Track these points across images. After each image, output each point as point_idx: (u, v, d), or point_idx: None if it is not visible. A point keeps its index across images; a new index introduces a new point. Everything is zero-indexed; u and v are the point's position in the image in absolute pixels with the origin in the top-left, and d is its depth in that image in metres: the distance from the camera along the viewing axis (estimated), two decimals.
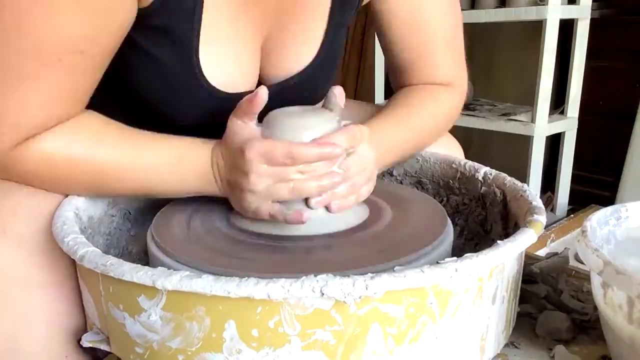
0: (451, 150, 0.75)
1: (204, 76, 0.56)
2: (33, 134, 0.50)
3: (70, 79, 0.49)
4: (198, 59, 0.55)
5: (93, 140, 0.52)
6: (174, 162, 0.52)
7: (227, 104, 0.55)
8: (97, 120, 0.54)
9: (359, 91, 2.60)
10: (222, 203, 0.55)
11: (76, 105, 0.52)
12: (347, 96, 0.57)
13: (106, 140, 0.52)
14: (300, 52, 0.63)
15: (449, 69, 0.70)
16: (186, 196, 0.55)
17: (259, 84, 0.64)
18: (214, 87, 0.58)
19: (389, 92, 0.74)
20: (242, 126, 0.50)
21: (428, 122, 0.67)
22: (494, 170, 0.61)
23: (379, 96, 2.26)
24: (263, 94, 0.48)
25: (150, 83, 0.57)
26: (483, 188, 0.61)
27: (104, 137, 0.53)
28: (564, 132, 1.89)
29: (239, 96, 0.56)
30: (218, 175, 0.52)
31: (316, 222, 0.49)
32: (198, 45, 0.55)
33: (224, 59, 0.58)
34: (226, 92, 0.59)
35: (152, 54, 0.54)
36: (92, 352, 0.53)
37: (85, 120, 0.53)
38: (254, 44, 0.61)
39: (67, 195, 0.54)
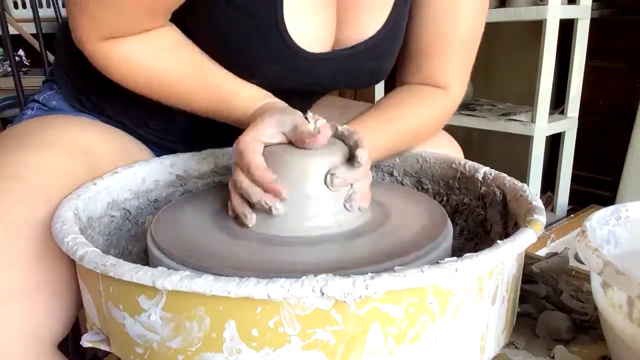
0: (450, 151, 0.75)
1: (286, 30, 0.59)
2: (116, 37, 0.56)
3: None
4: (282, 13, 0.58)
5: (167, 51, 0.59)
6: (228, 90, 0.59)
7: (302, 61, 0.61)
8: (176, 35, 0.60)
9: (359, 91, 2.60)
10: (223, 203, 0.55)
11: (157, 19, 0.58)
12: (348, 96, 0.58)
13: (178, 54, 0.60)
14: (371, 17, 0.65)
15: (453, 71, 0.71)
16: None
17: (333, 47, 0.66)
18: (294, 42, 0.60)
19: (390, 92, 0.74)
20: (273, 134, 0.51)
21: (414, 125, 0.69)
22: (494, 170, 0.61)
23: (379, 96, 2.25)
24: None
25: (233, 33, 0.60)
26: (483, 188, 0.61)
27: (177, 51, 0.60)
28: (564, 132, 1.89)
29: (314, 56, 0.61)
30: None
31: (317, 224, 0.49)
32: (282, 2, 0.58)
33: (306, 16, 0.61)
34: (303, 50, 0.61)
35: (240, 5, 0.58)
36: (79, 356, 0.53)
37: (165, 33, 0.59)
38: (331, 6, 0.63)
39: (65, 197, 0.54)
